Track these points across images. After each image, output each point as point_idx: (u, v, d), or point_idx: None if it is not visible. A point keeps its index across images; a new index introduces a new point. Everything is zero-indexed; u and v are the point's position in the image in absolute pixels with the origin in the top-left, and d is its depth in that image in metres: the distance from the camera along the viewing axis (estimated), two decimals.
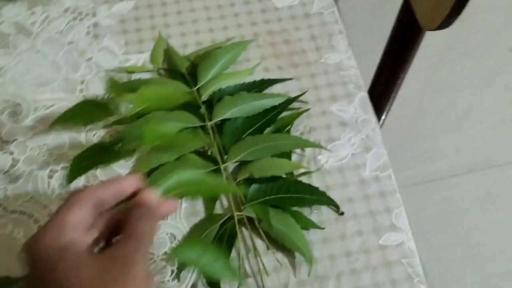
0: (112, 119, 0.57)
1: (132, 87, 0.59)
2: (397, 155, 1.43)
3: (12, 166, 0.56)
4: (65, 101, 0.60)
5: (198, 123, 0.56)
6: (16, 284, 0.49)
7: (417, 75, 1.46)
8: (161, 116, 0.55)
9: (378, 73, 0.91)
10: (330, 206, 0.54)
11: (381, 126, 0.95)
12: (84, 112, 0.57)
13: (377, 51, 0.91)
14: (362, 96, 0.61)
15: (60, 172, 0.56)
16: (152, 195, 0.40)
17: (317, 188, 0.53)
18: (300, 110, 0.59)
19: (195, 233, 0.52)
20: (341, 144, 0.58)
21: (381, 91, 0.92)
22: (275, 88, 0.61)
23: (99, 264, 0.36)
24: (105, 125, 0.58)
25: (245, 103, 0.57)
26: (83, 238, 0.37)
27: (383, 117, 0.98)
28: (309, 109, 0.59)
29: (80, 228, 0.37)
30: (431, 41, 1.07)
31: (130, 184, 0.40)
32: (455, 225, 1.38)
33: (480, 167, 1.47)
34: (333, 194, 0.54)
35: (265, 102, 0.57)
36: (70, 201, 0.38)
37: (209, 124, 0.56)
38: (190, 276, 0.50)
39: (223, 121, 0.57)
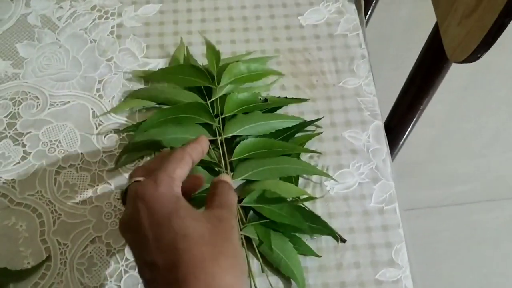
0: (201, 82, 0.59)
1: (146, 94, 0.59)
2: (416, 174, 1.41)
3: (23, 158, 0.57)
4: (81, 99, 0.60)
5: (209, 137, 0.56)
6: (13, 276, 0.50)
7: (446, 95, 1.44)
8: (172, 128, 0.55)
9: (400, 98, 0.90)
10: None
11: (402, 145, 0.95)
12: (182, 73, 0.59)
13: (400, 77, 0.89)
14: (377, 125, 0.60)
15: (68, 169, 0.56)
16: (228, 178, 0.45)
17: (319, 217, 0.53)
18: (313, 133, 0.59)
19: None
20: (349, 172, 0.57)
21: (402, 117, 0.90)
22: (290, 107, 0.60)
23: (210, 221, 0.39)
24: (116, 130, 0.58)
25: (258, 122, 0.56)
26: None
27: (401, 141, 0.96)
28: (322, 132, 0.59)
29: (180, 184, 0.42)
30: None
31: (207, 147, 0.47)
32: (468, 252, 1.36)
33: (500, 197, 1.44)
34: (335, 222, 0.54)
35: (279, 123, 0.57)
36: (178, 157, 0.43)
37: (219, 139, 0.56)
38: None
39: (234, 137, 0.56)
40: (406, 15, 1.58)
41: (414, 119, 0.98)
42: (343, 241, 0.53)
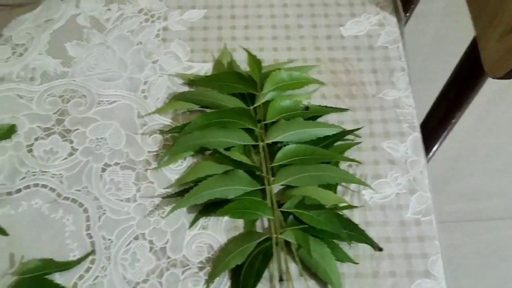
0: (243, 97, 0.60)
1: (191, 97, 0.61)
2: (440, 189, 1.41)
3: (71, 154, 0.59)
4: (127, 99, 0.62)
5: (251, 141, 0.57)
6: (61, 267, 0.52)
7: (472, 110, 1.44)
8: (216, 131, 0.57)
9: (432, 112, 0.91)
10: None
11: (428, 161, 0.95)
12: (227, 80, 0.61)
13: (434, 89, 0.90)
14: (415, 137, 0.61)
15: (113, 167, 0.58)
16: None
17: (357, 225, 0.54)
18: (352, 142, 0.60)
19: (231, 246, 0.54)
20: (387, 182, 0.58)
21: (432, 131, 0.91)
22: (330, 116, 0.62)
23: None
24: (161, 131, 0.60)
25: (300, 129, 0.58)
26: None
27: (430, 154, 0.97)
28: (361, 142, 0.60)
29: None
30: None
31: None
32: (489, 268, 1.36)
33: None
34: (371, 231, 0.55)
35: (319, 131, 0.58)
36: None
37: (261, 144, 0.57)
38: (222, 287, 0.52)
39: (274, 143, 0.58)
40: (433, 30, 1.58)
41: (444, 134, 0.99)
42: (380, 249, 0.54)
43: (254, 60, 0.61)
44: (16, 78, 0.63)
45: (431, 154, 1.02)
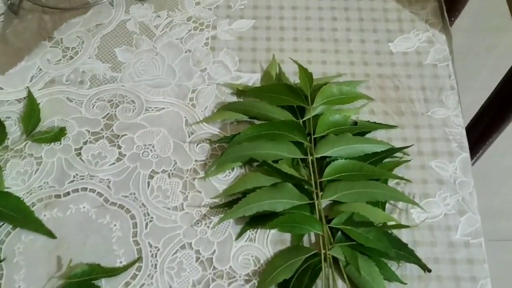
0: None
1: (240, 107, 0.61)
2: None
3: (118, 159, 0.59)
4: (175, 107, 0.62)
5: (300, 155, 0.57)
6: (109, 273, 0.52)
7: None
8: (265, 143, 0.57)
9: (472, 126, 0.90)
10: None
11: None
12: (277, 92, 0.61)
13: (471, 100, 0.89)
14: (464, 158, 0.60)
15: (160, 174, 0.58)
16: None
17: (406, 245, 0.53)
18: (400, 160, 0.59)
19: (279, 260, 0.53)
20: (435, 202, 0.57)
21: (471, 146, 0.90)
22: (378, 132, 0.61)
23: None
24: (209, 140, 0.60)
25: (349, 144, 0.57)
26: None
27: None
28: (410, 160, 0.59)
29: None
30: None
31: None
32: None
33: None
34: (419, 251, 0.54)
35: (368, 147, 0.58)
36: None
37: (310, 158, 0.57)
38: None
39: (323, 157, 0.57)
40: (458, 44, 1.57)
41: (480, 153, 0.97)
42: (429, 271, 0.53)
43: (305, 73, 0.61)
44: (65, 81, 0.64)
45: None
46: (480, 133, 0.92)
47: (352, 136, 0.58)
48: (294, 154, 0.57)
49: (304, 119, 0.60)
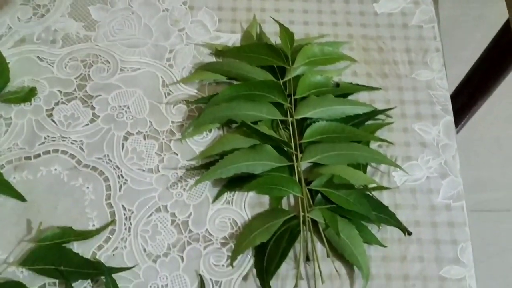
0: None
1: (218, 67, 0.59)
2: None
3: (92, 120, 0.57)
4: (152, 67, 0.60)
5: (280, 116, 0.55)
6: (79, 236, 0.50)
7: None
8: (244, 104, 0.55)
9: (454, 96, 0.89)
10: None
11: None
12: (257, 52, 0.58)
13: (460, 71, 0.88)
14: (448, 121, 0.59)
15: (135, 136, 0.56)
16: None
17: (387, 207, 0.52)
18: (383, 122, 0.58)
19: (256, 223, 0.52)
20: (417, 165, 0.56)
21: (454, 115, 0.89)
22: (361, 95, 0.60)
23: None
24: (186, 101, 0.58)
25: (330, 106, 0.56)
26: None
27: None
28: (392, 123, 0.58)
29: None
30: None
31: None
32: (492, 259, 1.35)
33: None
34: (401, 214, 0.53)
35: (350, 109, 0.56)
36: None
37: (290, 119, 0.55)
38: (244, 266, 0.50)
39: (303, 119, 0.56)
40: (447, 15, 1.55)
41: (464, 122, 0.97)
42: (409, 233, 0.53)
43: (286, 33, 0.58)
44: (37, 40, 0.61)
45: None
46: (465, 100, 0.91)
47: (334, 98, 0.57)
48: (273, 115, 0.55)
49: (284, 80, 0.58)
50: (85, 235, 0.51)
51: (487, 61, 0.81)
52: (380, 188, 0.54)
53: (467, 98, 0.91)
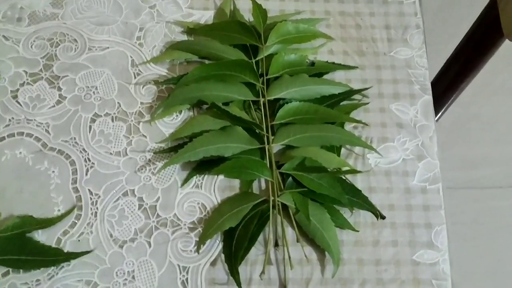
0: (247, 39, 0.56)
1: (189, 46, 0.57)
2: (441, 154, 1.38)
3: (59, 102, 0.55)
4: (121, 46, 0.58)
5: (252, 97, 0.54)
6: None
7: (477, 76, 1.40)
8: (214, 84, 0.53)
9: (439, 77, 0.87)
10: None
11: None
12: (229, 30, 0.56)
13: (446, 49, 0.86)
14: (426, 100, 0.57)
15: (103, 118, 0.54)
16: None
17: (360, 191, 0.51)
18: (359, 102, 0.56)
19: (226, 207, 0.51)
20: (393, 147, 0.55)
21: (442, 93, 0.87)
22: (337, 74, 0.58)
23: None
24: (156, 81, 0.56)
25: (304, 86, 0.54)
26: None
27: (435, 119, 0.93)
28: (368, 103, 0.56)
29: None
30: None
31: None
32: (484, 236, 1.34)
33: None
34: (375, 197, 0.52)
35: (325, 89, 0.54)
36: None
37: (262, 100, 0.54)
38: (212, 251, 0.49)
39: (276, 99, 0.54)
40: None
41: (451, 99, 0.95)
42: (383, 217, 0.51)
43: (258, 10, 0.56)
44: (2, 18, 0.59)
45: (436, 118, 0.99)
46: (453, 76, 0.89)
47: (308, 77, 0.55)
48: (245, 96, 0.54)
49: (257, 59, 0.56)
50: (46, 223, 0.49)
51: (474, 37, 0.79)
52: (354, 171, 0.52)
53: (454, 74, 0.89)
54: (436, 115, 0.97)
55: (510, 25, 0.67)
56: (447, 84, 0.89)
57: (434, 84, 0.90)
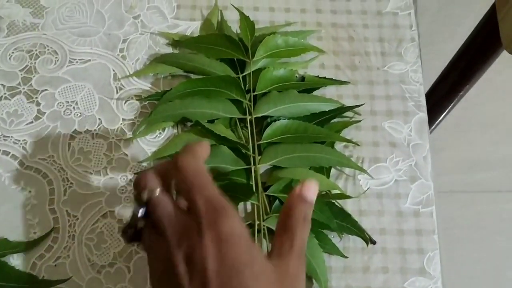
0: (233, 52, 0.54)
1: (174, 60, 0.55)
2: (439, 157, 1.36)
3: (37, 118, 0.53)
4: (103, 58, 0.56)
5: (238, 114, 0.51)
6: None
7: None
8: (199, 101, 0.51)
9: (437, 84, 0.84)
10: None
11: (432, 131, 0.89)
12: (215, 44, 0.54)
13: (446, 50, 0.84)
14: (421, 118, 0.55)
15: (83, 135, 0.52)
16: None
17: (350, 215, 0.49)
18: (350, 120, 0.54)
19: None
20: (386, 167, 0.53)
21: (437, 104, 0.85)
22: (328, 89, 0.55)
23: (283, 281, 0.35)
24: (138, 97, 0.54)
25: (293, 102, 0.52)
26: None
27: (432, 127, 0.91)
28: (361, 120, 0.54)
29: None
30: None
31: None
32: (482, 241, 1.33)
33: None
34: (365, 221, 0.50)
35: (315, 106, 0.52)
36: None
37: (248, 118, 0.51)
38: None
39: (264, 117, 0.52)
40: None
41: (450, 106, 0.92)
42: (373, 242, 0.49)
43: (246, 22, 0.54)
44: None
45: (433, 126, 0.97)
46: (450, 86, 0.87)
47: (297, 93, 0.53)
48: (231, 113, 0.51)
49: (244, 74, 0.53)
50: (21, 247, 0.47)
51: (472, 46, 0.77)
52: (343, 196, 0.50)
53: (452, 83, 0.87)
54: (433, 124, 0.95)
55: (510, 37, 0.65)
56: (445, 93, 0.87)
57: (431, 92, 0.88)
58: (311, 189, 0.38)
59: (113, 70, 0.55)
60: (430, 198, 0.52)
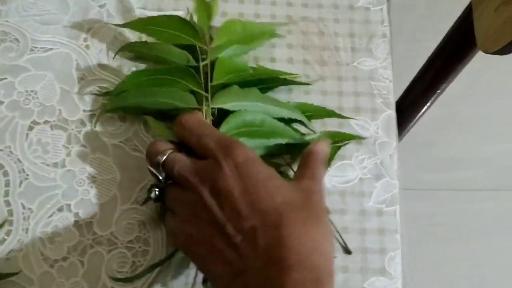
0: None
1: (137, 49, 0.53)
2: (420, 154, 1.35)
3: None
4: (66, 48, 0.54)
5: (196, 105, 0.49)
6: None
7: (460, 75, 1.37)
8: (155, 91, 0.49)
9: (415, 82, 0.84)
10: None
11: (410, 128, 0.88)
12: (167, 27, 0.51)
13: (417, 52, 0.83)
14: (389, 116, 0.54)
15: (42, 126, 0.51)
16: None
17: None
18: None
19: None
20: (350, 165, 0.52)
21: (414, 101, 0.84)
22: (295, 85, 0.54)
23: (303, 192, 0.40)
24: (99, 88, 0.52)
25: (253, 101, 0.49)
26: None
27: (410, 125, 0.90)
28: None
29: None
30: None
31: None
32: (461, 239, 1.33)
33: (503, 188, 1.40)
34: None
35: (276, 111, 0.50)
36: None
37: (204, 109, 0.49)
38: (149, 275, 0.46)
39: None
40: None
41: (428, 104, 0.92)
42: (349, 253, 0.48)
43: (202, 6, 0.52)
44: None
45: (411, 124, 0.96)
46: (428, 82, 0.86)
47: (260, 94, 0.50)
48: (187, 104, 0.49)
49: (204, 62, 0.51)
50: None
51: (448, 46, 0.76)
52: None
53: (430, 81, 0.86)
54: (411, 122, 0.95)
55: (484, 37, 0.64)
56: (422, 91, 0.87)
57: (408, 91, 0.87)
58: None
59: (76, 60, 0.54)
60: (395, 197, 0.51)
